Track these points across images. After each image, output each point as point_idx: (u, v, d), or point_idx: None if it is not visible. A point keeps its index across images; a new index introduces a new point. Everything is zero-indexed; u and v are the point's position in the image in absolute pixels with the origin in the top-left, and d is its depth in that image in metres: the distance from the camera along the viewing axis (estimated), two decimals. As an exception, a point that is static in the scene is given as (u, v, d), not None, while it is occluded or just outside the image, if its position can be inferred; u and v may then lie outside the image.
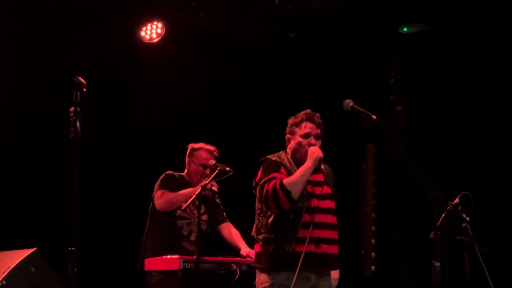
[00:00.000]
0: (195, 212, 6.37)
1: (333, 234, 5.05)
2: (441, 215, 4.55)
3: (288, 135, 5.21)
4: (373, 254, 7.98)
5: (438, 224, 4.41)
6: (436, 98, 8.28)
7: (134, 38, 8.34)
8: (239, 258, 6.28)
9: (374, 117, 4.33)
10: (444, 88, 8.25)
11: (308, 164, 4.94)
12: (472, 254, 4.70)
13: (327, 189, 5.06)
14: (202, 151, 6.55)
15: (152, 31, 8.36)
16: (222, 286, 6.38)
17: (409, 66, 8.38)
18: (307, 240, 4.85)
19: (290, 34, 8.81)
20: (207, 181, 6.09)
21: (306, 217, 4.93)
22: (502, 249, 7.48)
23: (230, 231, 6.61)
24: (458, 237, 4.71)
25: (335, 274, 5.27)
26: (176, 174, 6.56)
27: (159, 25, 8.35)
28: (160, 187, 6.39)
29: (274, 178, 4.95)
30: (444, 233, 4.46)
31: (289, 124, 5.22)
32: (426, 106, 8.32)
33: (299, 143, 5.11)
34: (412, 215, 7.79)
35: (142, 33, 8.34)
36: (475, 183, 7.37)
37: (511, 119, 7.90)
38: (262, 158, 5.17)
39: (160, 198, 6.31)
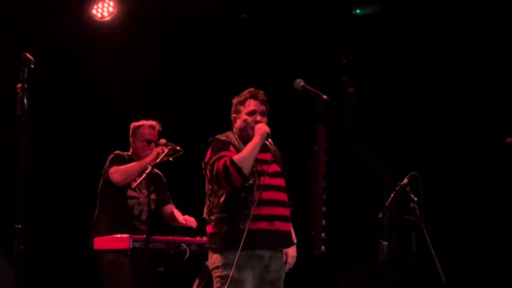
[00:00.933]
0: (144, 191, 6.35)
1: (285, 211, 5.07)
2: (390, 195, 4.59)
3: (233, 115, 5.21)
4: (323, 234, 8.03)
5: (386, 204, 4.46)
6: (387, 79, 8.33)
7: (85, 16, 8.23)
8: (189, 238, 6.28)
9: (324, 97, 4.35)
10: (396, 70, 8.30)
11: (256, 140, 4.94)
12: (419, 233, 4.76)
13: (276, 167, 5.08)
14: (145, 127, 6.52)
15: (103, 10, 8.26)
16: (172, 266, 6.39)
17: (361, 48, 8.41)
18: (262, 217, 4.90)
19: (243, 14, 8.78)
20: (157, 161, 6.08)
21: (258, 195, 4.92)
22: (448, 229, 7.58)
23: (173, 212, 6.60)
24: (406, 217, 4.76)
25: (293, 251, 5.29)
26: (124, 153, 6.52)
27: (111, 3, 8.25)
28: (112, 165, 6.35)
29: (223, 156, 4.94)
30: (392, 213, 4.50)
31: (233, 104, 5.22)
32: (378, 87, 8.37)
33: (245, 121, 5.11)
34: (362, 196, 7.85)
35: (94, 11, 8.24)
36: (424, 164, 7.47)
37: (460, 101, 8.00)
38: (211, 138, 5.16)
39: (116, 172, 6.25)
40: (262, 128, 4.99)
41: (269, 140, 4.99)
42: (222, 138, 5.11)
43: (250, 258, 4.92)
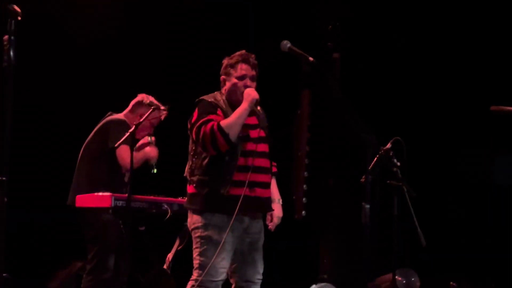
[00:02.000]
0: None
1: (267, 178, 5.07)
2: (373, 159, 4.61)
3: (223, 76, 5.15)
4: (304, 199, 8.06)
5: (369, 168, 4.48)
6: (372, 46, 8.34)
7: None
8: (170, 198, 6.28)
9: (311, 59, 4.35)
10: (381, 37, 8.32)
11: (244, 106, 4.91)
12: (401, 198, 4.80)
13: (261, 132, 5.04)
14: (163, 113, 6.42)
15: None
16: (153, 225, 6.41)
17: (347, 14, 8.40)
18: (246, 184, 4.87)
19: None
20: (141, 120, 6.05)
21: (241, 161, 4.94)
22: (430, 194, 7.65)
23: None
24: (388, 181, 4.79)
25: (278, 211, 5.27)
26: (125, 121, 6.40)
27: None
28: (122, 140, 6.10)
29: (211, 120, 4.91)
30: (375, 176, 4.52)
31: (223, 65, 5.16)
32: (363, 54, 8.38)
33: (234, 85, 5.06)
34: (345, 160, 7.88)
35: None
36: (407, 129, 7.50)
37: (445, 65, 8.04)
38: (198, 99, 5.12)
39: (123, 159, 6.15)
40: (251, 94, 4.95)
41: (258, 107, 4.98)
42: (209, 100, 5.07)
43: (230, 220, 4.90)
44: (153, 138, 6.32)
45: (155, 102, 6.45)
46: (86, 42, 8.35)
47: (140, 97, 6.50)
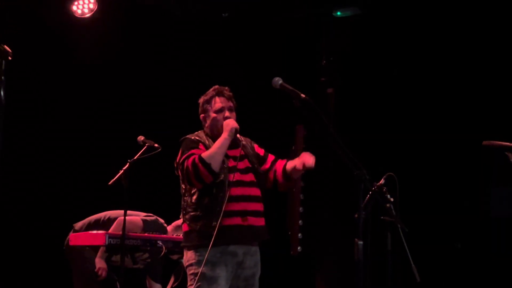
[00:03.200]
0: None
1: (258, 206, 5.06)
2: (366, 196, 4.60)
3: (202, 115, 5.21)
4: (299, 235, 8.03)
5: (362, 204, 4.46)
6: (367, 81, 8.36)
7: (65, 13, 8.20)
8: (165, 235, 6.27)
9: (303, 95, 4.34)
10: (376, 72, 8.34)
11: (224, 136, 4.95)
12: (395, 233, 4.78)
13: (247, 163, 5.09)
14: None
15: (84, 6, 8.23)
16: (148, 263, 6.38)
17: (341, 49, 8.43)
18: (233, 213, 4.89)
19: (223, 14, 8.78)
20: (135, 158, 6.06)
21: (230, 191, 4.93)
22: (423, 230, 7.62)
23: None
24: (382, 217, 4.78)
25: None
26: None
27: (92, 0, 8.22)
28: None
29: (192, 154, 4.95)
30: (368, 213, 4.50)
31: (200, 104, 5.22)
32: (357, 89, 8.40)
33: (214, 119, 5.11)
34: (339, 196, 7.87)
35: (74, 8, 8.21)
36: (400, 165, 7.49)
37: (437, 104, 8.05)
38: (182, 138, 5.16)
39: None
40: (230, 124, 5.00)
41: (238, 135, 5.00)
42: (192, 137, 5.12)
43: (223, 254, 4.91)
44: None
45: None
46: (80, 83, 8.38)
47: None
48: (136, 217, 6.40)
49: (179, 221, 6.61)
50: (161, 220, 6.58)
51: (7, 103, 3.77)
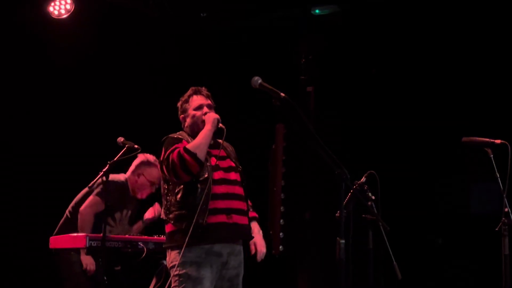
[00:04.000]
0: (124, 221, 6.66)
1: (242, 205, 5.07)
2: (348, 194, 4.60)
3: (181, 115, 5.23)
4: (281, 234, 8.03)
5: (344, 203, 4.46)
6: (346, 79, 8.37)
7: (41, 13, 8.14)
8: (146, 237, 6.25)
9: (282, 94, 4.33)
10: (354, 69, 8.36)
11: (207, 127, 4.97)
12: (376, 232, 4.78)
13: (230, 162, 5.13)
14: (156, 168, 6.52)
15: (60, 7, 8.17)
16: (128, 264, 6.35)
17: (320, 47, 8.44)
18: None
19: (202, 14, 8.77)
20: (115, 159, 6.04)
21: (215, 189, 4.93)
22: (404, 227, 7.65)
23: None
24: (363, 215, 4.78)
25: (261, 245, 5.24)
26: (124, 183, 6.60)
27: (68, 0, 8.16)
28: (100, 194, 6.39)
29: (177, 147, 4.95)
30: (349, 211, 4.51)
31: (179, 106, 5.25)
32: (336, 87, 8.41)
33: (193, 116, 5.15)
34: (320, 194, 7.88)
35: (51, 8, 8.15)
36: (381, 162, 7.50)
37: (419, 99, 8.08)
38: (164, 138, 5.15)
39: (86, 208, 6.37)
40: (211, 116, 5.03)
41: (220, 124, 5.01)
42: (174, 136, 5.13)
43: (208, 255, 4.90)
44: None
45: (152, 158, 6.54)
46: (57, 85, 8.33)
47: (140, 158, 6.62)
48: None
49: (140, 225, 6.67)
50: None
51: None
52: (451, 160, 7.91)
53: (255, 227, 5.30)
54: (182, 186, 4.97)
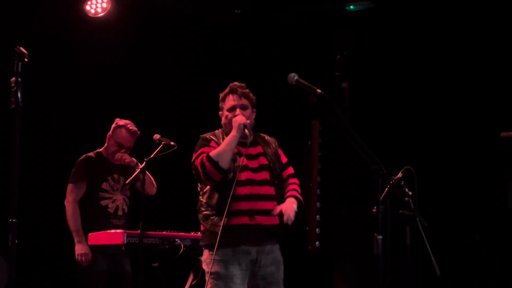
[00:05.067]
0: (118, 186, 6.52)
1: (269, 205, 5.02)
2: (384, 190, 4.59)
3: (220, 112, 5.23)
4: (317, 230, 8.02)
5: (381, 198, 4.45)
6: (382, 75, 8.34)
7: (78, 12, 8.20)
8: (183, 233, 6.27)
9: (318, 91, 4.33)
10: (390, 65, 8.32)
11: (233, 133, 4.96)
12: (413, 227, 4.77)
13: (263, 161, 5.10)
14: (123, 129, 6.51)
15: (97, 6, 8.23)
16: (165, 261, 6.38)
17: (354, 43, 8.41)
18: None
19: (236, 10, 8.78)
20: (151, 156, 6.06)
21: (239, 190, 4.95)
22: (442, 223, 7.61)
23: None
24: (400, 211, 4.77)
25: (288, 209, 4.98)
26: (91, 155, 6.57)
27: (105, -1, 8.22)
28: (71, 179, 6.49)
29: (202, 153, 4.99)
30: (386, 207, 4.50)
31: (219, 101, 5.24)
32: (372, 83, 8.37)
33: (226, 117, 5.14)
34: (356, 190, 7.85)
35: (87, 7, 8.21)
36: (418, 158, 7.48)
37: (456, 93, 8.02)
38: (199, 137, 5.22)
39: (68, 200, 6.44)
40: (237, 120, 5.01)
41: (246, 130, 5.00)
42: (206, 136, 5.16)
43: (235, 253, 4.95)
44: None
45: (125, 121, 6.53)
46: (94, 83, 8.38)
47: (115, 121, 6.63)
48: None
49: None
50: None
51: (24, 105, 3.78)
52: (489, 155, 7.83)
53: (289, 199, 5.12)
54: (208, 187, 5.04)
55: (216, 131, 5.21)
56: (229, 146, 4.93)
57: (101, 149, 6.62)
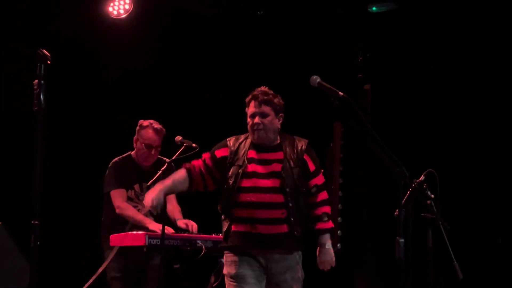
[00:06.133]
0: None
1: (271, 214, 5.00)
2: (406, 193, 4.57)
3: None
4: (339, 232, 8.01)
5: (403, 201, 4.43)
6: (403, 76, 8.31)
7: (101, 13, 8.23)
8: (204, 235, 6.26)
9: (341, 93, 4.32)
10: (412, 67, 8.29)
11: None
12: (436, 230, 4.74)
13: (277, 167, 5.06)
14: (149, 129, 6.41)
15: (119, 7, 8.25)
16: (187, 263, 6.38)
17: (377, 45, 8.39)
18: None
19: (259, 12, 8.78)
20: (173, 158, 6.06)
21: (242, 197, 5.00)
22: (465, 226, 7.58)
23: (171, 203, 6.46)
24: (422, 214, 4.75)
25: (321, 263, 5.18)
26: (121, 159, 6.45)
27: (127, 0, 8.24)
28: (112, 186, 6.32)
29: (194, 164, 5.23)
30: (408, 210, 4.48)
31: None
32: (394, 84, 8.35)
33: (248, 123, 5.16)
34: (378, 193, 7.84)
35: (110, 9, 8.24)
36: (440, 161, 7.44)
37: (476, 98, 7.99)
38: None
39: (118, 207, 6.25)
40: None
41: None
42: (226, 139, 5.24)
43: (243, 255, 5.04)
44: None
45: (149, 122, 6.47)
46: (117, 82, 8.41)
47: (139, 123, 6.52)
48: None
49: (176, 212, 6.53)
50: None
51: (47, 107, 3.80)
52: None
53: (321, 239, 5.17)
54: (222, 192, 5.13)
55: (242, 135, 5.24)
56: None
57: (132, 152, 6.53)
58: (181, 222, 6.26)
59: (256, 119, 5.07)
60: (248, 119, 5.14)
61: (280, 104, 5.17)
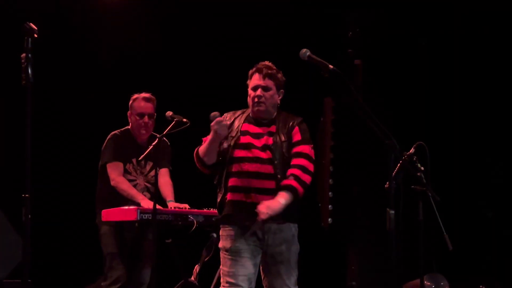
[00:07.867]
0: (143, 170, 6.45)
1: (265, 184, 5.02)
2: (397, 165, 4.58)
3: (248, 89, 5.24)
4: (330, 206, 8.03)
5: (393, 174, 4.45)
6: (394, 51, 8.31)
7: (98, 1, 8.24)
8: (196, 210, 6.28)
9: (331, 66, 4.32)
10: (403, 42, 8.29)
11: (211, 135, 5.01)
12: (426, 202, 4.76)
13: (269, 140, 5.08)
14: (139, 100, 6.44)
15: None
16: (179, 237, 6.40)
17: (367, 20, 8.37)
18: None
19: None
20: (164, 133, 6.05)
21: (236, 167, 5.04)
22: (454, 198, 7.63)
23: (164, 178, 6.49)
24: (412, 186, 4.76)
25: (262, 206, 4.91)
26: (119, 132, 6.47)
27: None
28: (110, 158, 6.34)
29: (202, 142, 5.14)
30: (399, 182, 4.49)
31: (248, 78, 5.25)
32: (385, 60, 8.34)
33: (249, 96, 5.16)
34: (368, 167, 7.85)
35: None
36: (430, 133, 7.48)
37: (464, 71, 8.00)
38: None
39: (113, 180, 6.28)
40: (213, 126, 4.98)
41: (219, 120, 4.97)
42: (227, 113, 5.22)
43: (240, 228, 5.02)
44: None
45: (137, 94, 6.49)
46: (107, 58, 8.39)
47: (131, 98, 6.56)
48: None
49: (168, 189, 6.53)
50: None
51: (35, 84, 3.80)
52: (502, 131, 7.83)
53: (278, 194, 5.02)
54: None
55: (240, 110, 5.25)
56: (210, 147, 5.04)
57: (128, 127, 6.52)
58: (172, 206, 6.26)
59: (259, 91, 5.08)
60: (250, 91, 5.14)
61: (282, 80, 5.20)
